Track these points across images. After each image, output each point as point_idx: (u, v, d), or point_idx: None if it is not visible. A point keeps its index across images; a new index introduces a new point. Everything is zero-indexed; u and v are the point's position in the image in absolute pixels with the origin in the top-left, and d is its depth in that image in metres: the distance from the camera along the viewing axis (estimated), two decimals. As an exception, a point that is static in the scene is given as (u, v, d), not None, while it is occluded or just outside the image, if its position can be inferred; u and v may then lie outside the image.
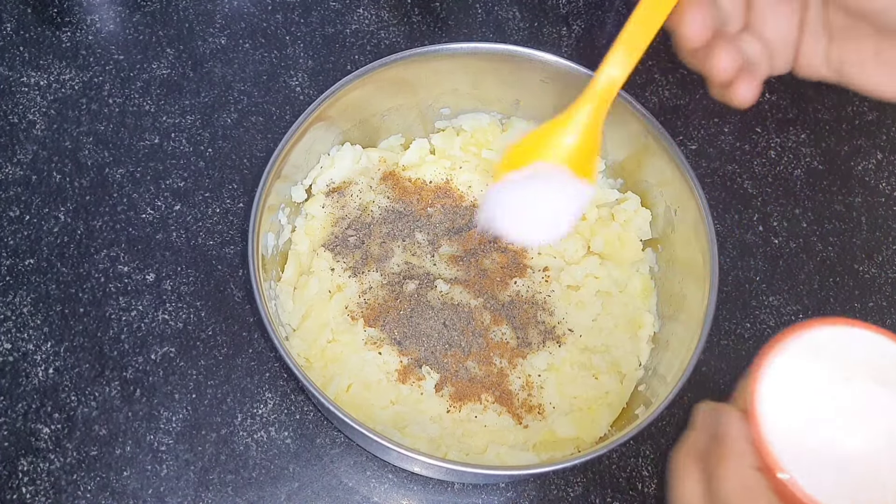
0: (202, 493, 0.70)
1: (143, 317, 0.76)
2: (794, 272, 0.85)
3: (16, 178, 0.81)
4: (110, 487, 0.70)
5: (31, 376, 0.73)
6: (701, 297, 0.67)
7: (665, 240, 0.76)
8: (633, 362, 0.74)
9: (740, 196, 0.88)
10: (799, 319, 0.82)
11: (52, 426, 0.72)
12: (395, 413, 0.70)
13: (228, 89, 0.87)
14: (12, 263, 0.77)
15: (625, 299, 0.76)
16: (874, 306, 0.83)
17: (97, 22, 0.89)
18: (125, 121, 0.84)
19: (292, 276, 0.75)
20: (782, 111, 0.92)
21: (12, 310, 0.75)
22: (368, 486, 0.72)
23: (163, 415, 0.73)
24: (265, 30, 0.91)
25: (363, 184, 0.78)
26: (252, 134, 0.85)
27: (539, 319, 0.74)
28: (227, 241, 0.80)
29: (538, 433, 0.70)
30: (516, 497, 0.73)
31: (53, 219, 0.79)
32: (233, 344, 0.76)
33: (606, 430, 0.71)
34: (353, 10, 0.93)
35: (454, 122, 0.82)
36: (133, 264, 0.78)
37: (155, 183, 0.82)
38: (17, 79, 0.85)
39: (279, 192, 0.73)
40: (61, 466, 0.70)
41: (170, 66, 0.87)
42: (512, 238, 0.59)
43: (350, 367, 0.71)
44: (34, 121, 0.83)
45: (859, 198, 0.89)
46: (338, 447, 0.73)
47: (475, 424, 0.70)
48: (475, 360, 0.72)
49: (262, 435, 0.73)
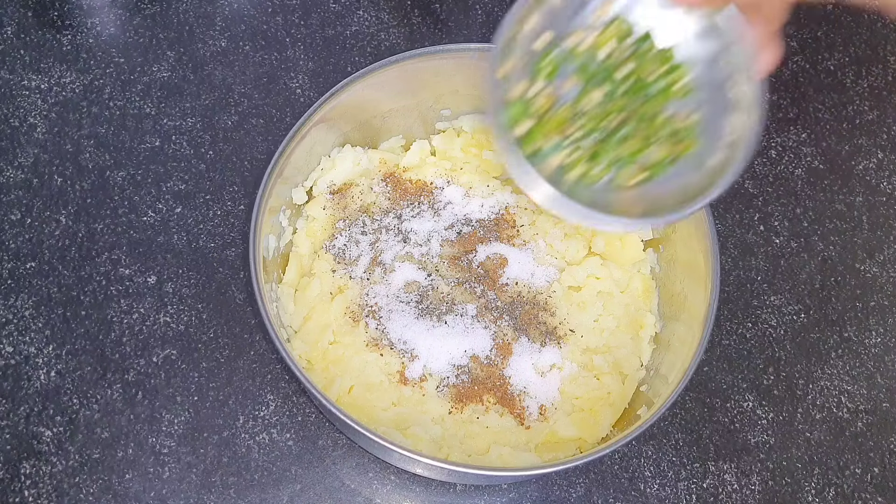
0: (204, 495, 0.70)
1: (145, 319, 0.76)
2: (795, 271, 0.85)
3: (17, 181, 0.81)
4: (112, 490, 0.70)
5: (33, 379, 0.73)
6: (702, 297, 0.67)
7: (666, 240, 0.76)
8: (634, 363, 0.74)
9: (741, 196, 0.88)
10: (800, 319, 0.82)
11: (54, 429, 0.72)
12: (397, 414, 0.70)
13: (229, 92, 0.87)
14: (14, 267, 0.77)
15: (626, 300, 0.76)
16: (875, 305, 0.83)
17: (98, 25, 0.89)
18: (126, 123, 0.84)
19: (293, 278, 0.75)
20: (782, 111, 0.92)
21: (14, 313, 0.75)
22: (371, 487, 0.72)
23: (165, 417, 0.73)
24: (265, 32, 0.91)
25: (364, 185, 0.78)
26: (253, 136, 0.85)
27: (540, 320, 0.74)
28: (228, 244, 0.80)
29: (540, 434, 0.70)
30: (518, 498, 0.73)
31: (55, 222, 0.79)
32: (234, 346, 0.76)
33: (608, 430, 0.71)
34: (354, 11, 0.93)
35: (455, 124, 0.82)
36: (134, 267, 0.78)
37: (156, 185, 0.82)
38: (18, 82, 0.85)
39: (280, 194, 0.73)
40: (63, 469, 0.70)
41: (170, 69, 0.87)
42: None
43: (352, 369, 0.71)
44: (35, 124, 0.83)
45: (860, 197, 0.89)
46: (340, 449, 0.73)
47: (477, 426, 0.70)
48: (477, 361, 0.72)
49: (264, 437, 0.73)
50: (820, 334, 0.82)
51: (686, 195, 0.47)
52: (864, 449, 0.78)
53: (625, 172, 0.49)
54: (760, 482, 0.75)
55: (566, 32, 0.49)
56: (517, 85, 0.49)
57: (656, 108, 0.49)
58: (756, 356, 0.80)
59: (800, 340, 0.81)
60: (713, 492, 0.74)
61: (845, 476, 0.76)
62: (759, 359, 0.80)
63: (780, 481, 0.75)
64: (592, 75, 0.49)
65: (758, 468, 0.76)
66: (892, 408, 0.79)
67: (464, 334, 0.72)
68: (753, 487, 0.75)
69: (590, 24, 0.49)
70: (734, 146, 0.47)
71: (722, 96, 0.47)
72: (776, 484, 0.75)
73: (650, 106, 0.49)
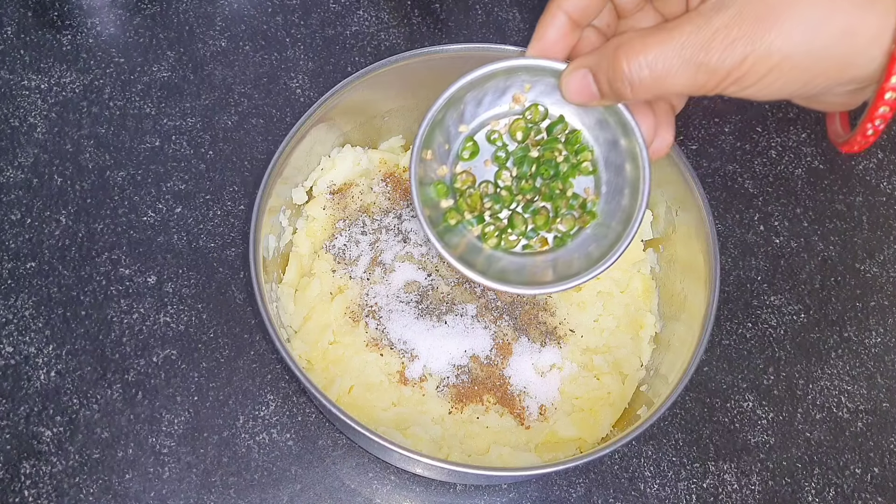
0: (204, 495, 0.70)
1: (145, 319, 0.76)
2: (795, 271, 0.85)
3: (17, 181, 0.81)
4: (112, 490, 0.70)
5: (33, 379, 0.73)
6: (702, 296, 0.67)
7: (666, 240, 0.76)
8: (634, 363, 0.74)
9: (741, 196, 0.88)
10: (800, 319, 0.82)
11: (54, 429, 0.72)
12: (397, 414, 0.70)
13: (229, 91, 0.87)
14: (14, 267, 0.77)
15: (626, 300, 0.76)
16: (875, 305, 0.83)
17: (98, 25, 0.89)
18: (126, 123, 0.84)
19: (293, 278, 0.75)
20: (783, 110, 0.92)
21: (14, 313, 0.75)
22: (370, 487, 0.72)
23: (165, 417, 0.73)
24: (265, 32, 0.91)
25: (364, 185, 0.78)
26: (253, 136, 0.85)
27: (540, 320, 0.74)
28: (228, 244, 0.80)
29: (540, 434, 0.70)
30: (518, 498, 0.73)
31: (55, 222, 0.79)
32: (234, 346, 0.76)
33: (608, 430, 0.71)
34: (353, 11, 0.93)
35: (455, 124, 0.82)
36: (134, 267, 0.78)
37: (156, 185, 0.82)
38: (18, 82, 0.85)
39: (280, 194, 0.73)
40: (63, 469, 0.70)
41: (170, 69, 0.87)
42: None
43: (352, 369, 0.71)
44: (35, 124, 0.83)
45: (860, 197, 0.89)
46: (340, 449, 0.73)
47: (477, 426, 0.70)
48: (477, 361, 0.72)
49: (264, 437, 0.73)
50: (820, 334, 0.82)
51: (590, 261, 0.55)
52: (864, 449, 0.78)
53: (535, 241, 0.57)
54: (760, 482, 0.75)
55: (486, 119, 0.56)
56: (440, 167, 0.56)
57: (565, 184, 0.56)
58: (756, 356, 0.80)
59: (800, 340, 0.81)
60: (713, 492, 0.74)
61: (845, 476, 0.76)
62: (759, 359, 0.80)
63: (780, 481, 0.75)
64: (508, 157, 0.56)
65: (758, 468, 0.76)
66: (892, 408, 0.79)
67: (464, 334, 0.72)
68: (753, 487, 0.75)
69: (507, 111, 0.55)
70: (626, 222, 0.53)
71: (621, 177, 0.54)
72: (776, 484, 0.75)
73: (559, 183, 0.56)
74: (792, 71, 0.42)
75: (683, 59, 0.43)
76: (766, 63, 0.42)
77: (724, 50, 0.42)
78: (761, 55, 0.42)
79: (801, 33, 0.41)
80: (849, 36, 0.41)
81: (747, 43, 0.41)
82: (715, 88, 0.44)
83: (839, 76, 0.43)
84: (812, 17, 0.41)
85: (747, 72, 0.42)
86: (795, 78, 0.43)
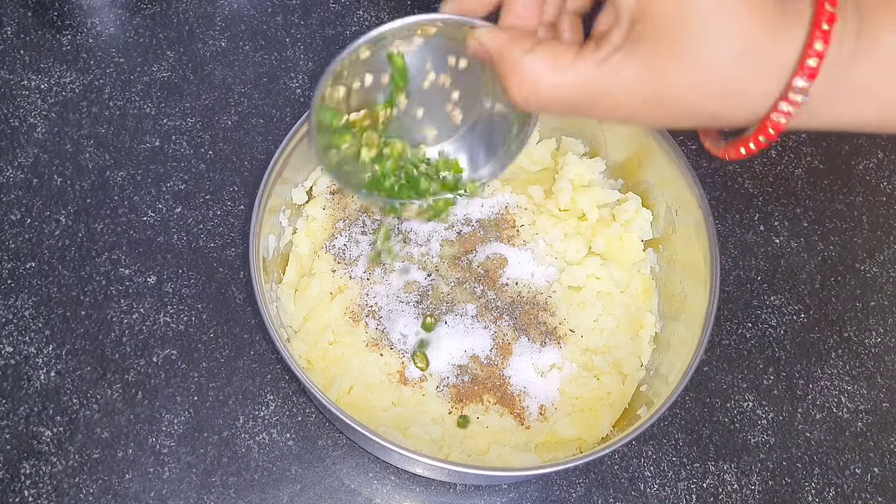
0: (204, 495, 0.70)
1: (145, 319, 0.76)
2: (795, 271, 0.85)
3: (17, 181, 0.81)
4: (112, 490, 0.70)
5: (33, 379, 0.73)
6: (702, 296, 0.67)
7: (666, 240, 0.76)
8: (634, 363, 0.74)
9: (741, 196, 0.88)
10: (800, 319, 0.82)
11: (54, 429, 0.72)
12: (397, 414, 0.70)
13: (229, 91, 0.87)
14: (13, 266, 0.77)
15: (626, 300, 0.76)
16: (875, 305, 0.83)
17: (97, 25, 0.89)
18: (126, 123, 0.84)
19: (293, 278, 0.75)
20: (783, 111, 0.92)
21: (14, 313, 0.75)
22: (370, 487, 0.72)
23: (164, 417, 0.73)
24: (265, 32, 0.91)
25: (364, 185, 0.78)
26: (253, 136, 0.85)
27: (540, 320, 0.74)
28: (228, 244, 0.80)
29: (540, 434, 0.70)
30: (518, 498, 0.73)
31: (54, 222, 0.79)
32: (234, 346, 0.76)
33: (608, 430, 0.71)
34: (353, 11, 0.93)
35: (454, 124, 0.81)
36: (134, 267, 0.78)
37: (156, 185, 0.82)
38: (18, 82, 0.85)
39: (280, 194, 0.73)
40: (63, 469, 0.70)
41: (170, 69, 0.87)
42: None
43: (352, 369, 0.71)
44: (35, 124, 0.83)
45: (860, 197, 0.89)
46: (340, 449, 0.73)
47: (477, 426, 0.70)
48: (477, 361, 0.72)
49: (264, 437, 0.73)
50: (820, 334, 0.82)
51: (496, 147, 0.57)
52: (864, 449, 0.78)
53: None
54: (760, 482, 0.75)
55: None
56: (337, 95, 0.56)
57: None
58: (756, 356, 0.80)
59: (800, 340, 0.81)
60: (713, 492, 0.74)
61: (845, 476, 0.76)
62: (759, 359, 0.80)
63: (780, 481, 0.75)
64: (405, 83, 0.56)
65: (758, 468, 0.76)
66: (892, 408, 0.79)
67: (464, 334, 0.72)
68: (753, 487, 0.75)
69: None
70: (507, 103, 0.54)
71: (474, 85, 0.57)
72: (776, 484, 0.75)
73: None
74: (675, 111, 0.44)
75: (579, 91, 0.45)
76: (648, 104, 0.43)
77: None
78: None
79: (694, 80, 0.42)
80: (738, 94, 0.42)
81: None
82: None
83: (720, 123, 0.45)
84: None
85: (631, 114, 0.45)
86: (678, 115, 0.45)
